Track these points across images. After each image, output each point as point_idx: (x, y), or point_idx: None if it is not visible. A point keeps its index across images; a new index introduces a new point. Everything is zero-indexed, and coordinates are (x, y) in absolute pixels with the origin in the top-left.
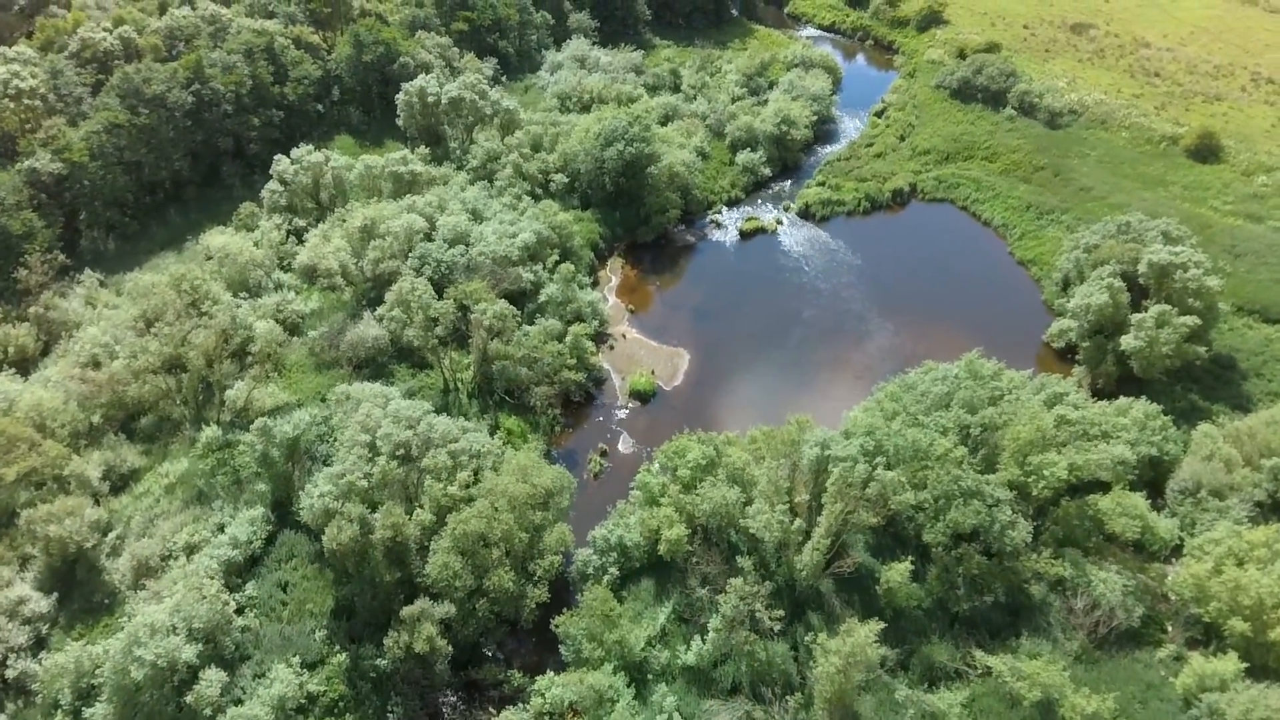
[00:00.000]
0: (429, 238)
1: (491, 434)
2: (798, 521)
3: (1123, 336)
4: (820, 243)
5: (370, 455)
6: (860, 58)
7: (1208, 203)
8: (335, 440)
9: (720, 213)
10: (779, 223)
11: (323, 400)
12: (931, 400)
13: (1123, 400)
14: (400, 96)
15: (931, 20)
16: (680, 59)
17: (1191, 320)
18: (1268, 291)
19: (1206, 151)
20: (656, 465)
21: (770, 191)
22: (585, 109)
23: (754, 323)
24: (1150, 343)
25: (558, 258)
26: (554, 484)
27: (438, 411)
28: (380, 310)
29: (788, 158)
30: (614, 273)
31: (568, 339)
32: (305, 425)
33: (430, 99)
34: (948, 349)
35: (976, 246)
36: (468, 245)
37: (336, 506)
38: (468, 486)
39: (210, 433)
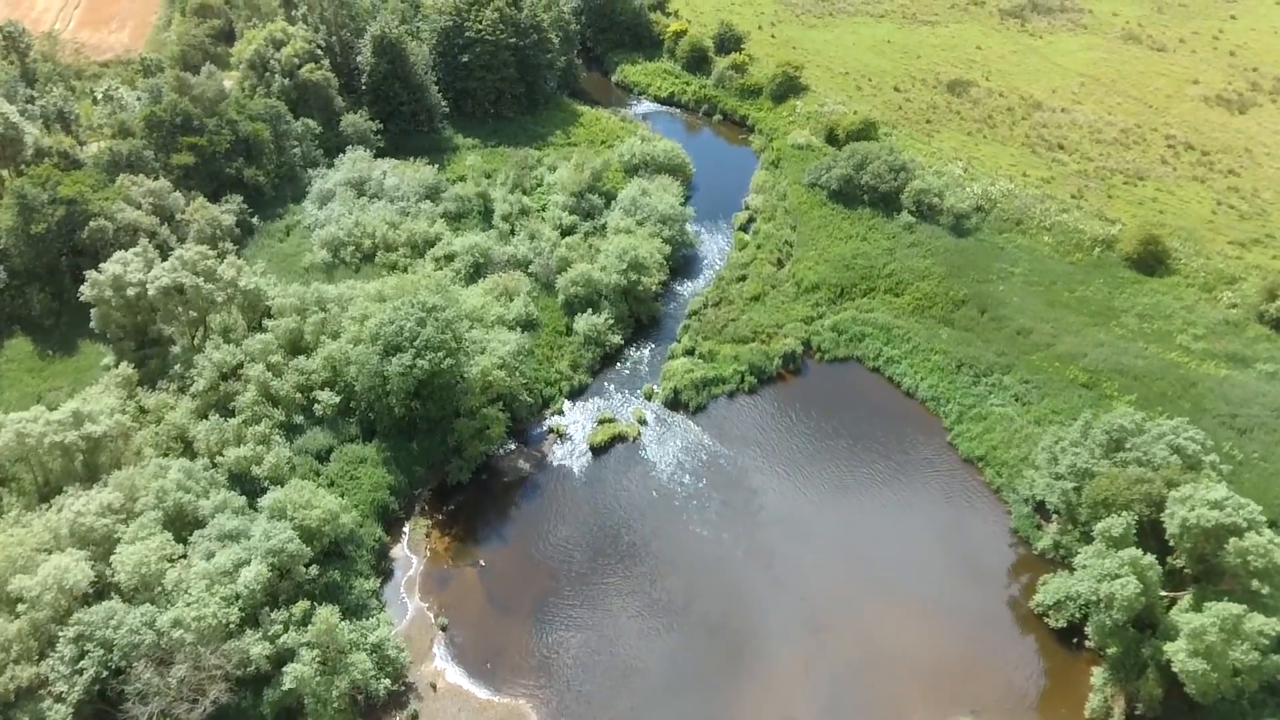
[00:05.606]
0: (101, 584)
1: None
2: None
3: (1169, 645)
4: (703, 454)
5: None
6: (708, 133)
7: (1174, 339)
8: None
9: (561, 411)
10: (642, 422)
11: None
12: None
13: None
14: (87, 289)
15: (788, 88)
16: (488, 166)
17: (1272, 626)
18: None
19: (1152, 260)
20: None
21: (625, 366)
22: (368, 258)
23: (631, 632)
24: (1212, 660)
25: (316, 569)
26: None
27: None
28: None
29: (641, 311)
30: (415, 549)
31: None
32: None
33: (132, 291)
34: (908, 658)
35: (902, 435)
36: (161, 601)
37: None
38: None
39: None
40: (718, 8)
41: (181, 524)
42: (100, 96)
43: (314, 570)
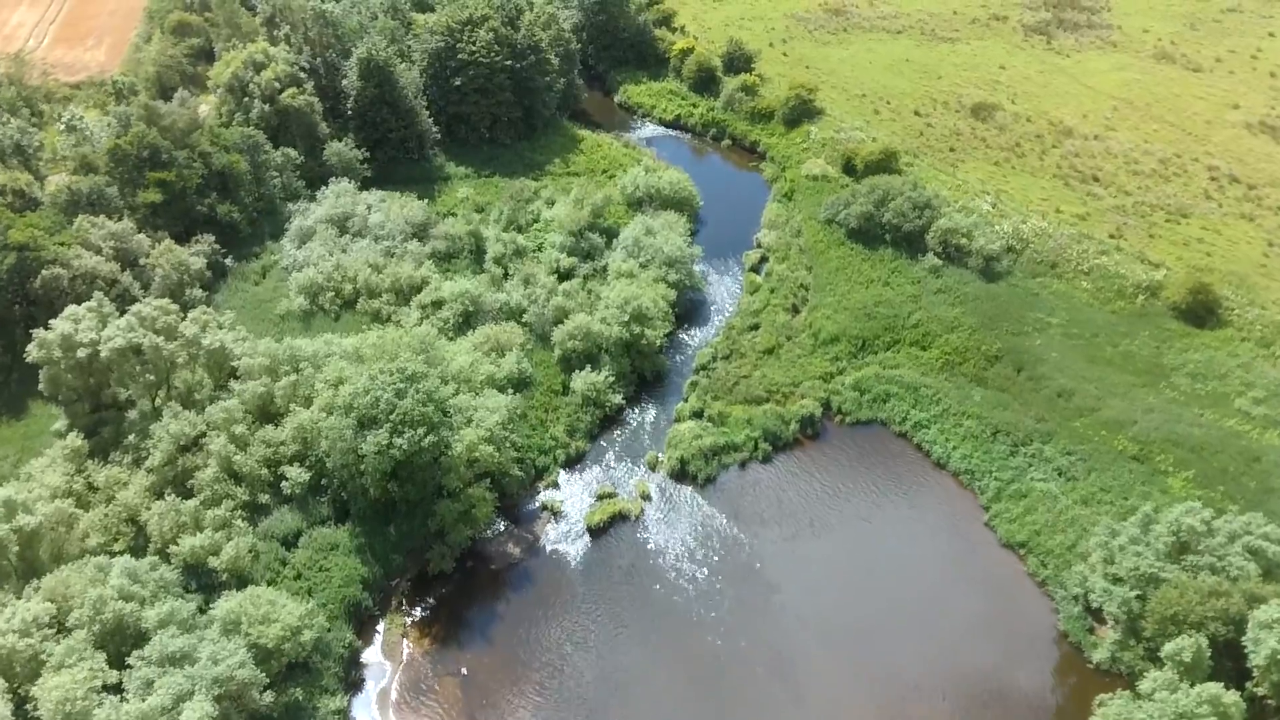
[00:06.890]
0: (24, 717)
1: None
2: None
3: None
4: (714, 538)
5: None
6: (716, 159)
7: (1232, 402)
8: None
9: (556, 483)
10: (645, 497)
11: None
12: None
13: None
14: (34, 350)
15: (802, 112)
16: (481, 198)
17: None
18: None
19: (1202, 310)
20: None
21: (626, 430)
22: (348, 305)
23: None
24: None
25: (273, 695)
26: None
27: None
28: None
29: (645, 366)
30: (390, 653)
31: None
32: None
33: (84, 353)
34: None
35: (935, 515)
36: None
37: None
38: None
39: None
40: (726, 23)
41: (121, 639)
42: (64, 126)
43: (269, 697)
